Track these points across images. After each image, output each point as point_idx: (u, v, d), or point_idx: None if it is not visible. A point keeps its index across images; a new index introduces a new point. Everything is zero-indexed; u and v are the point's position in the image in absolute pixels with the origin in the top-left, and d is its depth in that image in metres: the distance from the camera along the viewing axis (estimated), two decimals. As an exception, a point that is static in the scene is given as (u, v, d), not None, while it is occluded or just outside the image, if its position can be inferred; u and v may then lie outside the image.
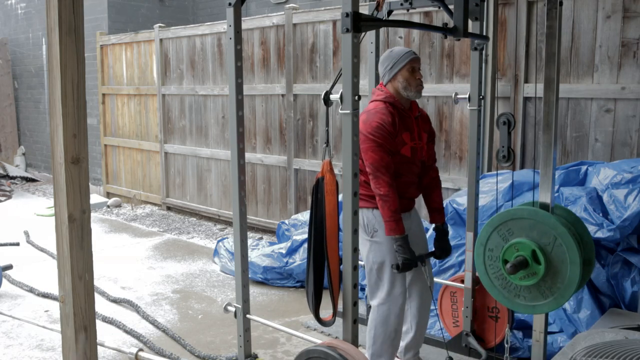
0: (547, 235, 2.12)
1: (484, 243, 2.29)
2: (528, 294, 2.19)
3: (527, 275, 2.16)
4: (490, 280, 2.28)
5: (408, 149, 2.82)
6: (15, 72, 10.54)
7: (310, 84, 5.60)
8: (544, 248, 2.12)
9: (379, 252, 2.83)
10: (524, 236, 2.16)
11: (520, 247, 2.16)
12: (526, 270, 2.15)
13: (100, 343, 2.69)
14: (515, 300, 2.23)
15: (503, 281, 2.24)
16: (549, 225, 2.11)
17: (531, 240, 2.14)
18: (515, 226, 2.19)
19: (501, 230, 2.23)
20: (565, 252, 2.08)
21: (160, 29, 7.26)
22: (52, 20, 1.69)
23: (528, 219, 2.17)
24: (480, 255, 2.30)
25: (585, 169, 3.55)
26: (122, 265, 5.34)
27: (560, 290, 2.10)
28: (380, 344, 2.87)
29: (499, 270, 2.24)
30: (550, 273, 2.12)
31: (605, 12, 3.79)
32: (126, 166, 8.27)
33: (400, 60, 2.80)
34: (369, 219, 2.82)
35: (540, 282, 2.14)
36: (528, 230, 2.16)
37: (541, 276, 2.12)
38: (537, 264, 2.13)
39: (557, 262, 2.10)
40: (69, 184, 1.75)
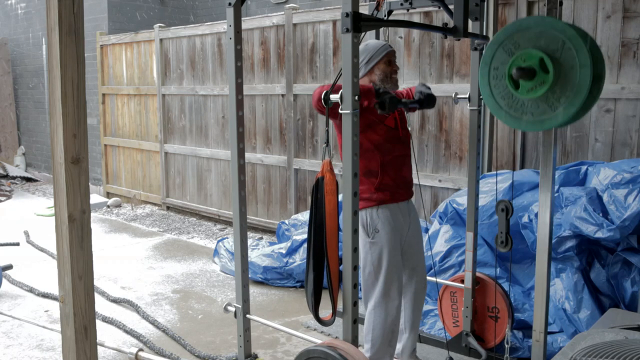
0: (555, 41, 1.99)
1: (488, 62, 2.15)
2: (536, 109, 2.05)
3: (535, 87, 2.02)
4: (495, 101, 2.13)
5: (391, 119, 2.85)
6: (15, 72, 10.54)
7: (310, 84, 5.59)
8: (552, 55, 1.99)
9: (376, 251, 2.83)
10: (531, 46, 2.03)
11: (527, 57, 2.02)
12: (534, 81, 2.02)
13: (100, 343, 2.69)
14: (523, 118, 2.08)
15: (509, 100, 2.10)
16: (557, 29, 1.98)
17: (538, 50, 2.01)
18: (521, 38, 2.06)
19: (506, 45, 2.09)
20: (574, 56, 1.95)
21: (160, 29, 7.26)
22: (52, 20, 1.69)
23: (535, 28, 2.03)
24: (484, 76, 2.16)
25: (585, 169, 3.55)
26: (122, 265, 5.34)
27: (570, 98, 1.97)
28: (379, 346, 2.87)
29: (505, 88, 2.10)
30: (559, 82, 1.99)
31: (605, 12, 3.79)
32: (126, 166, 8.27)
33: (377, 53, 2.82)
34: (372, 219, 2.82)
35: (548, 93, 2.01)
36: (535, 39, 2.03)
37: (550, 84, 1.99)
38: (545, 73, 2.00)
39: (567, 67, 1.97)
40: (69, 184, 1.75)
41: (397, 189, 2.87)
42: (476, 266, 3.27)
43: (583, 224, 3.19)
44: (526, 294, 3.58)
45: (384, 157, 2.82)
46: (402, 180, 2.91)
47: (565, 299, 3.24)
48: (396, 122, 2.87)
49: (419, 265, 3.04)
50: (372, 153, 2.79)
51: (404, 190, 2.92)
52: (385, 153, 2.82)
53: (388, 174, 2.83)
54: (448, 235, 3.90)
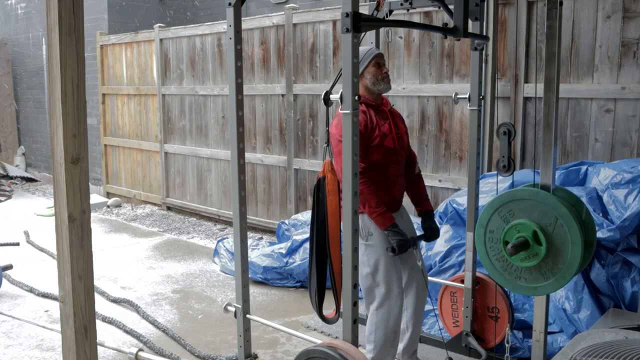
0: (548, 216, 2.09)
1: (484, 225, 2.27)
2: (529, 275, 2.17)
3: (529, 257, 2.13)
4: (491, 262, 2.25)
5: (390, 140, 2.86)
6: (15, 72, 10.54)
7: (310, 84, 5.60)
8: (545, 229, 2.09)
9: (373, 254, 2.84)
10: (525, 217, 2.14)
11: (522, 228, 2.13)
12: (527, 251, 2.13)
13: (100, 343, 2.69)
14: (517, 282, 2.20)
15: (504, 263, 2.21)
16: (550, 205, 2.08)
17: (532, 221, 2.11)
18: (516, 207, 2.17)
19: (502, 211, 2.20)
20: (566, 232, 2.05)
21: (160, 29, 7.26)
22: (52, 20, 1.69)
23: (529, 200, 2.13)
24: (480, 237, 2.28)
25: (585, 169, 3.55)
26: (122, 265, 5.34)
27: (562, 272, 2.08)
28: (381, 347, 2.87)
29: (499, 252, 2.22)
30: (551, 254, 2.09)
31: (605, 12, 3.79)
32: (126, 166, 8.27)
33: (365, 57, 2.85)
34: (364, 222, 2.83)
35: (541, 264, 2.12)
36: (529, 211, 2.13)
37: (542, 257, 2.10)
38: (538, 245, 2.10)
39: (559, 242, 2.08)
40: (69, 184, 1.75)
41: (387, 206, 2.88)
42: (476, 266, 3.27)
43: (583, 224, 3.19)
44: (526, 294, 3.58)
45: (378, 176, 2.84)
46: (392, 200, 2.95)
47: (565, 299, 3.24)
48: (394, 142, 2.89)
49: (416, 264, 3.05)
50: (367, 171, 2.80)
51: (393, 207, 2.96)
52: (380, 172, 2.85)
53: (380, 193, 2.85)
54: (448, 235, 3.90)
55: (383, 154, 2.84)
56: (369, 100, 2.88)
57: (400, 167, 2.97)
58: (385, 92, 2.93)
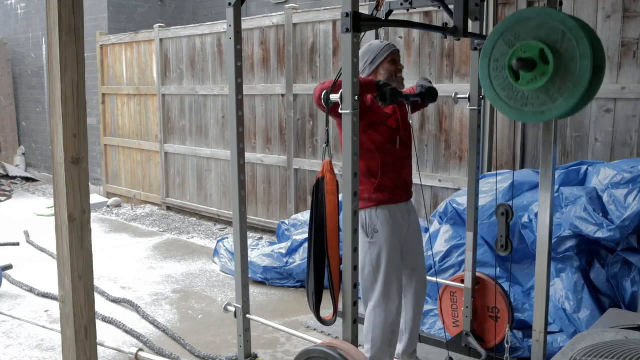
0: (555, 32, 1.99)
1: (488, 54, 2.15)
2: (536, 100, 2.06)
3: (535, 78, 2.02)
4: (495, 93, 2.13)
5: (393, 120, 2.85)
6: (15, 72, 10.54)
7: (310, 84, 5.59)
8: (553, 46, 1.99)
9: (375, 252, 2.83)
10: (531, 38, 2.03)
11: (527, 49, 2.02)
12: (534, 72, 2.02)
13: (100, 343, 2.70)
14: (523, 109, 2.09)
15: (510, 92, 2.10)
16: (557, 20, 1.98)
17: (538, 41, 2.01)
18: (521, 29, 2.06)
19: (506, 36, 2.09)
20: (575, 47, 1.95)
21: (160, 29, 7.26)
22: (52, 20, 1.69)
23: (535, 19, 2.03)
24: (485, 68, 2.16)
25: (585, 169, 3.55)
26: (122, 265, 5.34)
27: (570, 90, 1.97)
28: (380, 346, 2.87)
29: (505, 80, 2.10)
30: (559, 73, 1.99)
31: (605, 12, 3.79)
32: (126, 166, 8.27)
33: (381, 53, 2.83)
34: (371, 219, 2.82)
35: (548, 85, 2.01)
36: (535, 31, 2.03)
37: (550, 76, 1.99)
38: (545, 65, 2.00)
39: (567, 59, 1.97)
40: (69, 184, 1.75)
41: (396, 191, 2.87)
42: (476, 266, 3.27)
43: (583, 224, 3.19)
44: (526, 294, 3.58)
45: (385, 157, 2.82)
46: (402, 182, 2.91)
47: (565, 299, 3.24)
48: (398, 123, 2.87)
49: (418, 266, 3.05)
50: (372, 153, 2.80)
51: (403, 192, 2.92)
52: (386, 154, 2.82)
53: (388, 175, 2.83)
54: (448, 235, 3.90)
55: (387, 133, 2.82)
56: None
57: (408, 150, 2.95)
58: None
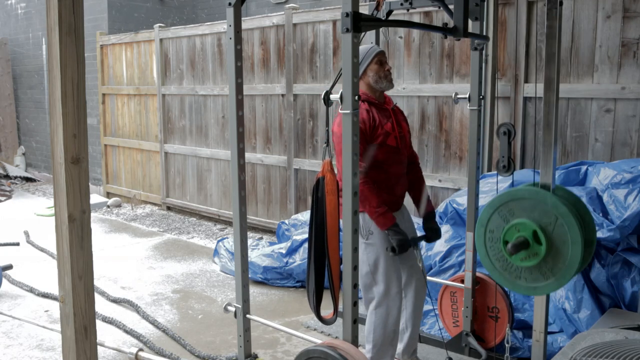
0: (548, 216, 2.09)
1: (484, 224, 2.26)
2: (529, 275, 2.16)
3: (529, 256, 2.13)
4: (491, 262, 2.24)
5: (393, 138, 2.86)
6: (15, 72, 10.54)
7: (310, 84, 5.60)
8: (545, 228, 2.09)
9: (373, 252, 2.84)
10: (525, 217, 2.13)
11: (521, 228, 2.12)
12: (527, 251, 2.12)
13: (100, 343, 2.69)
14: (517, 282, 2.20)
15: (504, 263, 2.21)
16: (550, 205, 2.08)
17: (532, 221, 2.11)
18: (516, 207, 2.16)
19: (502, 211, 2.20)
20: (566, 232, 2.05)
21: (160, 29, 7.26)
22: (52, 20, 1.69)
23: (529, 199, 2.13)
24: (480, 237, 2.27)
25: (585, 169, 3.55)
26: (122, 265, 5.34)
27: (562, 271, 2.08)
28: (380, 346, 2.87)
29: (499, 251, 2.21)
30: (551, 253, 2.09)
31: (605, 12, 3.79)
32: (126, 166, 8.27)
33: (367, 55, 2.85)
34: (365, 221, 2.83)
35: (541, 263, 2.11)
36: (529, 210, 2.13)
37: (542, 257, 2.09)
38: (538, 245, 2.10)
39: (559, 242, 2.07)
40: (69, 184, 1.75)
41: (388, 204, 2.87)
42: (476, 266, 3.27)
43: (583, 224, 3.19)
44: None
45: (379, 175, 2.84)
46: (394, 197, 2.95)
47: (565, 299, 3.24)
48: (397, 141, 2.89)
49: (415, 263, 3.05)
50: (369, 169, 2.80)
51: (395, 205, 2.96)
52: (381, 171, 2.85)
53: (382, 192, 2.85)
54: (448, 235, 3.90)
55: (386, 153, 2.83)
56: (372, 98, 2.88)
57: (403, 167, 2.97)
58: (387, 90, 2.92)
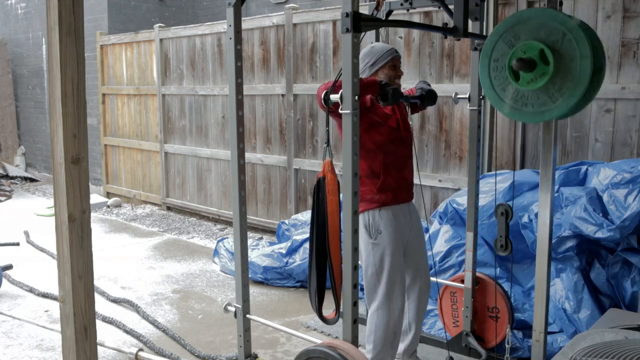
0: (555, 33, 2.00)
1: (488, 54, 2.15)
2: (536, 100, 2.06)
3: (536, 78, 2.03)
4: (496, 93, 2.14)
5: (393, 120, 2.86)
6: (15, 72, 10.54)
7: (310, 84, 5.59)
8: (553, 46, 2.00)
9: (378, 253, 2.83)
10: (531, 38, 2.04)
11: (528, 49, 2.02)
12: (534, 72, 2.03)
13: (100, 343, 2.70)
14: (523, 109, 2.10)
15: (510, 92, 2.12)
16: (557, 20, 1.99)
17: (539, 41, 2.02)
18: (521, 30, 2.07)
19: (507, 36, 2.10)
20: (575, 47, 1.96)
21: (160, 29, 7.26)
22: (52, 20, 1.69)
23: (535, 19, 2.04)
24: (485, 68, 2.17)
25: (585, 169, 3.55)
26: (122, 265, 5.34)
27: (570, 89, 1.98)
28: (381, 347, 2.87)
29: (505, 80, 2.11)
30: (559, 73, 2.00)
31: (605, 12, 3.79)
32: (126, 166, 8.27)
33: (383, 57, 2.82)
34: (375, 220, 2.81)
35: (548, 85, 2.02)
36: (535, 31, 2.04)
37: (550, 76, 2.00)
38: (545, 65, 2.01)
39: (567, 58, 1.98)
40: (69, 184, 1.75)
41: (398, 190, 2.87)
42: (476, 266, 3.27)
43: (583, 224, 3.19)
44: (526, 294, 3.58)
45: (386, 157, 2.82)
46: (404, 182, 2.91)
47: (565, 299, 3.24)
48: (398, 123, 2.88)
49: (422, 266, 3.04)
50: (374, 153, 2.80)
51: (405, 192, 2.93)
52: (388, 154, 2.82)
53: (390, 175, 2.83)
54: (448, 235, 3.90)
55: (388, 133, 2.82)
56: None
57: (408, 149, 2.95)
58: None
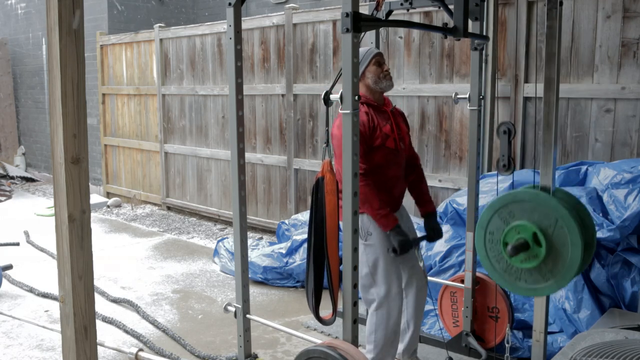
0: (548, 218, 2.10)
1: (484, 226, 2.26)
2: (529, 277, 2.18)
3: (528, 258, 2.14)
4: (491, 263, 2.25)
5: (392, 140, 2.86)
6: (15, 72, 10.54)
7: (310, 84, 5.60)
8: (545, 230, 2.10)
9: (372, 253, 2.84)
10: (525, 219, 2.14)
11: (521, 230, 2.13)
12: (527, 252, 2.13)
13: (100, 343, 2.69)
14: (517, 283, 2.21)
15: (504, 264, 2.22)
16: (550, 207, 2.09)
17: (532, 223, 2.12)
18: (516, 209, 2.17)
19: (502, 213, 2.21)
20: (566, 234, 2.06)
21: (160, 29, 7.26)
22: (52, 20, 1.69)
23: (529, 202, 2.14)
24: (480, 239, 2.28)
25: (585, 169, 3.55)
26: (122, 265, 5.34)
27: (562, 273, 2.09)
28: (382, 347, 2.87)
29: (499, 253, 2.22)
30: (551, 255, 2.10)
31: (605, 12, 3.79)
32: (126, 166, 8.27)
33: (365, 57, 2.85)
34: (363, 222, 2.83)
35: (541, 265, 2.12)
36: (529, 212, 2.14)
37: (542, 259, 2.10)
38: (538, 247, 2.11)
39: (559, 244, 2.08)
40: (69, 184, 1.75)
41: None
42: (476, 266, 3.27)
43: (583, 224, 3.19)
44: (526, 294, 3.58)
45: (378, 177, 2.84)
46: (393, 200, 2.95)
47: (565, 299, 3.24)
48: (395, 143, 2.89)
49: (416, 264, 3.05)
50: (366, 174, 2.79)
51: (393, 207, 2.95)
52: (380, 174, 2.85)
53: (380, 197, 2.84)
54: (448, 235, 3.90)
55: (385, 155, 2.83)
56: (371, 100, 2.88)
57: (401, 169, 2.97)
58: (388, 90, 2.92)
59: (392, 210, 2.91)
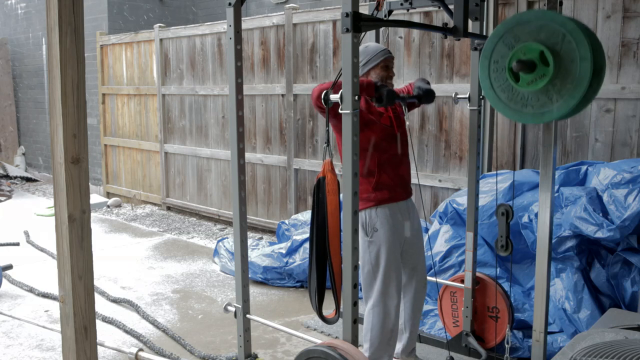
0: (555, 35, 2.00)
1: (488, 56, 2.15)
2: (536, 101, 2.06)
3: (535, 79, 2.03)
4: (495, 94, 2.14)
5: (387, 118, 2.86)
6: (15, 72, 10.54)
7: (310, 84, 5.59)
8: (553, 48, 2.00)
9: (374, 250, 2.83)
10: (531, 40, 2.04)
11: (527, 51, 2.03)
12: (534, 73, 2.03)
13: (100, 343, 2.70)
14: (523, 110, 2.09)
15: (509, 93, 2.11)
16: (557, 22, 2.00)
17: (538, 43, 2.02)
18: (521, 32, 2.07)
19: (507, 38, 2.10)
20: (575, 49, 1.96)
21: (160, 29, 7.26)
22: (52, 20, 1.69)
23: (535, 22, 2.04)
24: (485, 69, 2.17)
25: (585, 169, 3.55)
26: (122, 265, 5.34)
27: (570, 91, 1.98)
28: (378, 345, 2.87)
29: (505, 81, 2.11)
30: (559, 74, 2.00)
31: (605, 12, 3.79)
32: (126, 166, 8.27)
33: (376, 57, 2.82)
34: (371, 218, 2.82)
35: (548, 86, 2.02)
36: (535, 33, 2.04)
37: (550, 77, 2.00)
38: (545, 66, 2.00)
39: (567, 61, 1.98)
40: (69, 184, 1.75)
41: (395, 188, 2.87)
42: (476, 266, 3.27)
43: (583, 224, 3.19)
44: (526, 294, 3.58)
45: (381, 155, 2.83)
46: (400, 179, 2.91)
47: (565, 299, 3.24)
48: (391, 121, 2.88)
49: (419, 265, 3.05)
50: (369, 152, 2.80)
51: (402, 189, 2.93)
52: (382, 152, 2.83)
53: (386, 173, 2.84)
54: (448, 235, 3.90)
55: (381, 131, 2.82)
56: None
57: (404, 147, 2.95)
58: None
59: (402, 195, 2.91)
